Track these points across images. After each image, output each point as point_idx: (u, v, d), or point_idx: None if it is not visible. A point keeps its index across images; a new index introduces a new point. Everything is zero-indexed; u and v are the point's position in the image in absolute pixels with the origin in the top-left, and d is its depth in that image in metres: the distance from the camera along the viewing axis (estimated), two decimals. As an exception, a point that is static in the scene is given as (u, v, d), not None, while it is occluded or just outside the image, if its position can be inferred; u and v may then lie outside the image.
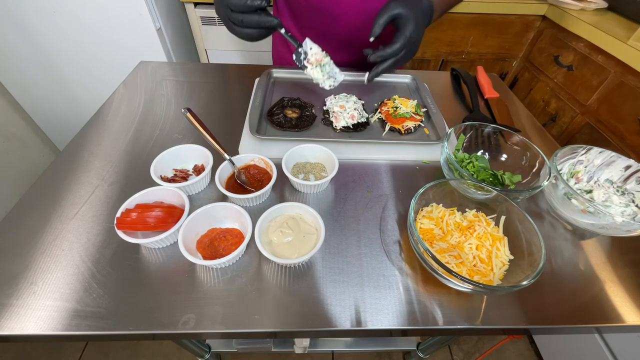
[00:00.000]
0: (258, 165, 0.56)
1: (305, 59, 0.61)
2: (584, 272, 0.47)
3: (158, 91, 0.77)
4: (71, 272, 0.43)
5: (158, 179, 0.51)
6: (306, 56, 0.61)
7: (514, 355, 1.25)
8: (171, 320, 0.39)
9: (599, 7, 1.36)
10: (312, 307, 0.41)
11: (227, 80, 0.84)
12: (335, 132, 0.67)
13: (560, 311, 0.43)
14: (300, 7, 0.78)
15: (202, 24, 1.41)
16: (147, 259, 0.45)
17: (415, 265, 0.46)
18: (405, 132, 0.67)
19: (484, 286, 0.37)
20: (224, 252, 0.44)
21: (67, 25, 1.22)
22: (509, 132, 0.61)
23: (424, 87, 0.80)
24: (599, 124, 1.25)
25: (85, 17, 1.20)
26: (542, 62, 1.49)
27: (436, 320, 0.41)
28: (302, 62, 0.62)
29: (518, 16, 1.47)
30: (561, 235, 0.52)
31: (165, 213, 0.46)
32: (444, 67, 1.65)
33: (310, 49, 0.60)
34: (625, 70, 1.13)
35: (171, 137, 0.64)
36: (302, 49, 0.61)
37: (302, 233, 0.46)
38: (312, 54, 0.60)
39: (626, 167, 0.55)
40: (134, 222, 0.45)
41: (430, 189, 0.48)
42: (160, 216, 0.46)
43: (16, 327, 0.38)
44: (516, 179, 0.57)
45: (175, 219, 0.46)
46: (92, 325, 0.38)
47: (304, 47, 0.60)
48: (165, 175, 0.55)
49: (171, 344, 1.22)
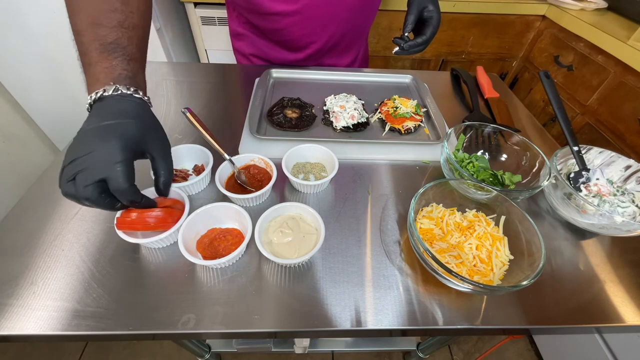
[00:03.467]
0: (258, 165, 0.56)
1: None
2: (584, 272, 0.47)
3: (158, 91, 0.77)
4: (71, 272, 0.43)
5: None
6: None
7: (514, 355, 1.25)
8: (171, 320, 0.39)
9: (599, 7, 1.36)
10: (312, 307, 0.41)
11: (227, 80, 0.84)
12: (335, 132, 0.67)
13: (560, 311, 0.43)
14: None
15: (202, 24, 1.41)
16: (147, 259, 0.45)
17: (415, 265, 0.46)
18: (405, 132, 0.67)
19: (484, 286, 0.37)
20: (224, 252, 0.44)
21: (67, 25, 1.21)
22: (509, 132, 0.61)
23: (424, 87, 0.80)
24: (599, 124, 1.25)
25: (85, 17, 1.20)
26: (542, 62, 1.49)
27: (436, 320, 0.41)
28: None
29: (518, 16, 1.47)
30: (561, 235, 0.52)
31: (165, 213, 0.46)
32: (444, 67, 1.64)
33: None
34: (625, 70, 1.13)
35: (171, 137, 0.64)
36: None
37: (302, 233, 0.46)
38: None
39: (626, 167, 0.55)
40: (134, 222, 0.45)
41: (430, 189, 0.48)
42: (160, 216, 0.46)
43: (16, 327, 0.38)
44: (516, 179, 0.57)
45: (175, 218, 0.46)
46: (92, 325, 0.38)
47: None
48: None
49: (171, 344, 1.22)
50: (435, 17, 0.67)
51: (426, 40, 0.68)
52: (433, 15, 0.67)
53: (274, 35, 0.80)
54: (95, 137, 0.36)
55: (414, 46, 0.68)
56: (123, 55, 0.41)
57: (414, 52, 0.69)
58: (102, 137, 0.36)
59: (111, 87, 0.39)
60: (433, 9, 0.67)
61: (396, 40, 0.68)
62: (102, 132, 0.36)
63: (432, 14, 0.67)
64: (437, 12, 0.68)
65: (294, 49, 0.83)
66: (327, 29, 0.76)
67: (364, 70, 0.88)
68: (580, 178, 0.56)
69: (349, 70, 0.87)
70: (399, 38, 0.68)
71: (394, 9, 1.40)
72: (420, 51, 0.69)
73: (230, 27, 0.88)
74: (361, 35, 0.87)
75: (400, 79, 0.86)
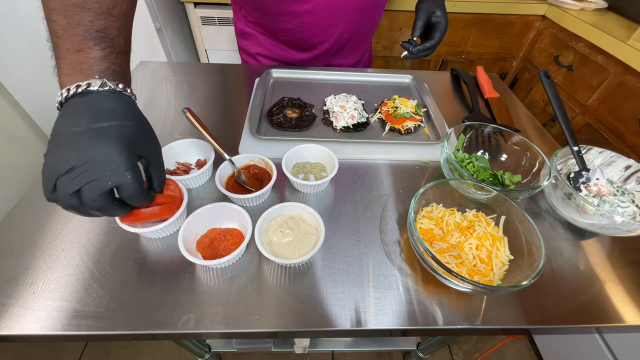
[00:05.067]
0: (258, 165, 0.56)
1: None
2: (584, 272, 0.47)
3: (158, 91, 0.77)
4: (71, 272, 0.43)
5: None
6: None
7: (514, 355, 1.25)
8: (171, 320, 0.39)
9: (599, 7, 1.36)
10: (312, 307, 0.41)
11: (227, 80, 0.84)
12: (335, 132, 0.67)
13: (560, 311, 0.43)
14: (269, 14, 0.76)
15: (202, 24, 1.41)
16: (147, 259, 0.45)
17: (415, 265, 0.46)
18: (405, 132, 0.67)
19: (484, 286, 0.37)
20: (224, 252, 0.44)
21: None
22: (509, 132, 0.61)
23: (424, 87, 0.80)
24: (599, 124, 1.25)
25: (85, 17, 1.19)
26: (542, 62, 1.49)
27: (436, 320, 0.41)
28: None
29: (518, 16, 1.47)
30: (561, 235, 0.52)
31: (167, 199, 0.46)
32: (444, 67, 1.65)
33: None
34: (625, 70, 1.13)
35: (171, 136, 0.64)
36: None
37: (302, 233, 0.46)
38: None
39: (626, 167, 0.55)
40: (134, 212, 0.45)
41: (430, 189, 0.48)
42: (163, 204, 0.46)
43: (16, 327, 0.38)
44: (516, 179, 0.57)
45: (178, 205, 0.46)
46: (92, 325, 0.38)
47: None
48: (167, 167, 0.55)
49: (171, 344, 1.22)
50: (443, 22, 0.70)
51: (434, 44, 0.70)
52: (441, 20, 0.69)
53: (283, 35, 0.80)
54: (94, 142, 0.32)
55: (423, 50, 0.70)
56: (111, 47, 0.37)
57: (422, 56, 0.71)
58: (103, 142, 0.32)
59: (97, 81, 0.34)
60: (441, 14, 0.69)
61: (404, 44, 0.70)
62: (101, 135, 0.32)
63: (439, 19, 0.69)
64: (444, 17, 0.70)
65: (303, 48, 0.83)
66: (335, 29, 0.77)
67: (364, 70, 0.88)
68: (580, 178, 0.56)
69: (349, 70, 0.87)
70: (406, 42, 0.71)
71: (394, 9, 1.40)
72: (427, 55, 0.71)
73: (236, 26, 0.88)
74: (367, 35, 0.88)
75: (400, 79, 0.86)
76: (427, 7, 0.69)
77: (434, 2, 0.70)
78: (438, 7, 0.70)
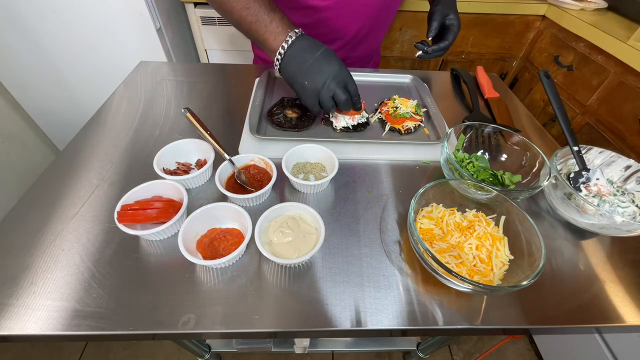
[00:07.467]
0: (258, 165, 0.56)
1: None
2: (584, 272, 0.47)
3: (158, 91, 0.77)
4: (71, 272, 0.43)
5: (160, 171, 0.52)
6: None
7: (514, 355, 1.25)
8: (171, 320, 0.39)
9: (599, 7, 1.36)
10: (312, 307, 0.41)
11: (227, 80, 0.84)
12: (335, 132, 0.67)
13: (560, 311, 0.43)
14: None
15: (202, 24, 1.41)
16: (147, 258, 0.45)
17: (415, 265, 0.46)
18: (405, 132, 0.67)
19: (484, 286, 0.37)
20: (224, 252, 0.44)
21: (67, 25, 1.22)
22: (509, 132, 0.61)
23: (424, 87, 0.80)
24: (599, 124, 1.25)
25: (85, 17, 1.19)
26: (542, 62, 1.48)
27: (436, 320, 0.41)
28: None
29: (518, 16, 1.46)
30: (561, 235, 0.52)
31: (165, 204, 0.47)
32: (444, 67, 1.64)
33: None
34: (625, 70, 1.13)
35: (171, 137, 0.64)
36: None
37: (302, 233, 0.46)
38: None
39: (626, 167, 0.55)
40: (135, 214, 0.45)
41: (430, 189, 0.48)
42: (161, 208, 0.46)
43: (16, 327, 0.38)
44: (516, 179, 0.57)
45: (175, 211, 0.46)
46: (92, 325, 0.38)
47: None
48: (167, 167, 0.55)
49: (171, 344, 1.22)
50: (456, 24, 0.73)
51: (448, 45, 0.73)
52: (454, 22, 0.73)
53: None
54: (325, 63, 0.55)
55: (437, 50, 0.73)
56: (280, 10, 0.57)
57: (436, 56, 0.74)
58: (331, 62, 0.56)
59: (294, 33, 0.55)
60: (454, 17, 0.73)
61: (418, 45, 0.73)
62: (327, 59, 0.55)
63: (453, 22, 0.73)
64: (457, 19, 0.73)
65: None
66: (353, 25, 0.79)
67: (364, 70, 0.88)
68: (580, 178, 0.56)
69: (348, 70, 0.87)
70: (420, 43, 0.73)
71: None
72: (441, 55, 0.74)
73: None
74: (380, 35, 0.89)
75: (400, 79, 0.86)
76: (442, 10, 0.73)
77: (447, 6, 0.73)
78: (452, 10, 0.73)
